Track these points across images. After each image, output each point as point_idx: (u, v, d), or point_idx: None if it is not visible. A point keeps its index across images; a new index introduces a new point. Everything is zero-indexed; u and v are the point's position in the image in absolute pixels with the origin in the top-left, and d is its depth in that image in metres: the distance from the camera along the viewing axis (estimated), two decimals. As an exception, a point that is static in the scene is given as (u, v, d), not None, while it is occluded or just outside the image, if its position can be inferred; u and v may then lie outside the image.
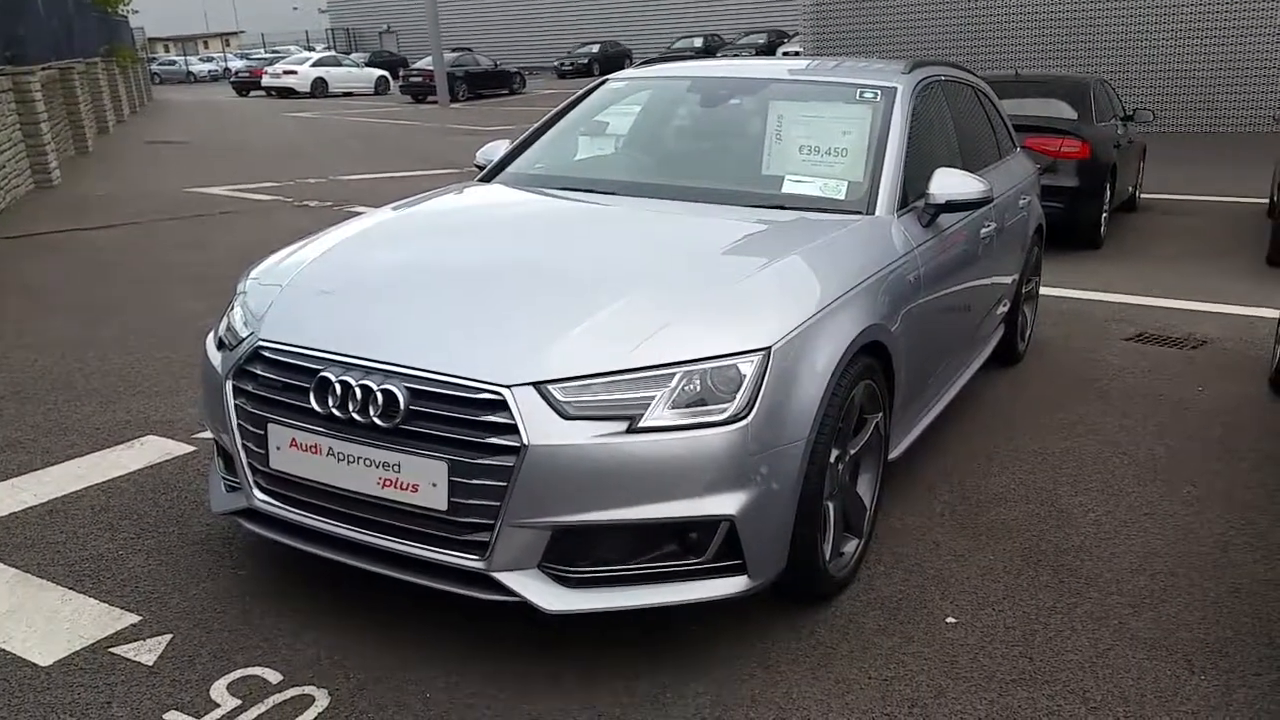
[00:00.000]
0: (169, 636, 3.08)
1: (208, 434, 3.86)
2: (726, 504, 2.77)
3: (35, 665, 2.94)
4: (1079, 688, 2.90)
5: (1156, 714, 2.79)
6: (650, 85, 5.12)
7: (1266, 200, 10.66)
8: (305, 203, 11.91)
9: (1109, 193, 9.48)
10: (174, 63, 64.80)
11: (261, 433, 2.99)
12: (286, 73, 39.26)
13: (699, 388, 2.77)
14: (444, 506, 2.72)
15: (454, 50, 37.81)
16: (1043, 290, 6.55)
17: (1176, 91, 20.03)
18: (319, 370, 2.89)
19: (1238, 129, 19.56)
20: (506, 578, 2.75)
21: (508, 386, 2.71)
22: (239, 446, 3.06)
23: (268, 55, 57.89)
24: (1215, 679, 2.95)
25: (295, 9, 79.47)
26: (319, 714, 2.73)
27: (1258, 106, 19.06)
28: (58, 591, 3.33)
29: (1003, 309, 5.42)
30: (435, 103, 32.53)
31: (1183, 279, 8.08)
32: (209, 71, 63.46)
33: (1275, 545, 3.73)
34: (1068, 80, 10.55)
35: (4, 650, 3.01)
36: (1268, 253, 8.66)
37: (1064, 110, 9.50)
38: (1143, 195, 11.89)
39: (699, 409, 2.76)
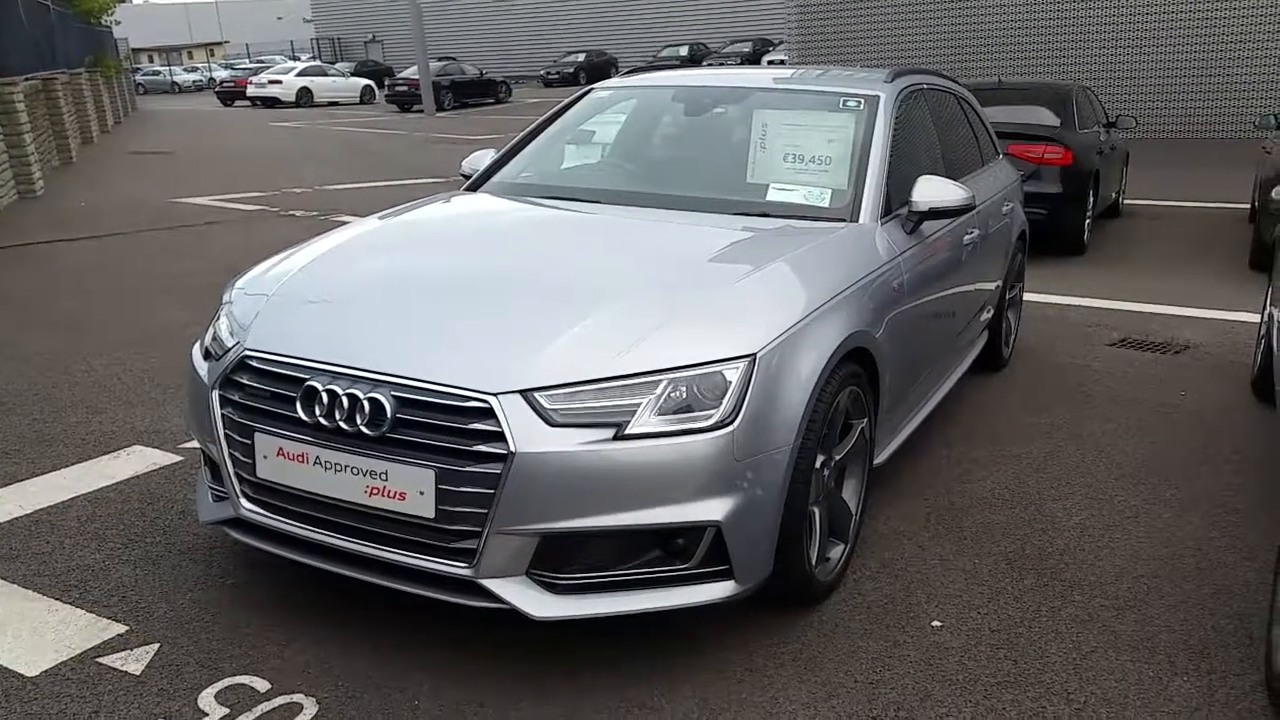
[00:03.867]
0: (156, 646, 3.07)
1: (194, 444, 3.86)
2: (713, 510, 2.79)
3: (22, 676, 2.93)
4: (1063, 690, 2.92)
5: (1139, 715, 2.82)
6: (635, 94, 5.14)
7: (1248, 205, 10.74)
8: (291, 212, 11.90)
9: (1092, 199, 9.53)
10: (158, 73, 64.48)
11: (248, 442, 2.99)
12: (271, 83, 39.19)
13: (685, 395, 2.79)
14: (431, 514, 2.73)
15: (439, 59, 37.80)
16: (1026, 296, 6.59)
17: (1159, 98, 20.15)
18: (306, 379, 2.90)
19: (1220, 135, 19.68)
20: (494, 585, 2.76)
21: (494, 394, 2.72)
22: (226, 456, 3.07)
23: (252, 65, 57.75)
24: (1197, 680, 2.98)
25: (280, 19, 79.31)
26: (307, 722, 2.74)
27: (1239, 113, 19.15)
28: (44, 602, 3.33)
29: (987, 315, 5.46)
30: (421, 112, 32.52)
31: (1166, 284, 8.14)
32: (194, 82, 63.22)
33: (1256, 547, 3.76)
34: (1050, 87, 10.62)
35: (-9, 661, 3.01)
36: (1249, 257, 8.73)
37: (1046, 117, 9.55)
38: (1126, 201, 11.97)
39: (685, 416, 2.77)
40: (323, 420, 2.84)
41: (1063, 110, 9.65)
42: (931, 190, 4.00)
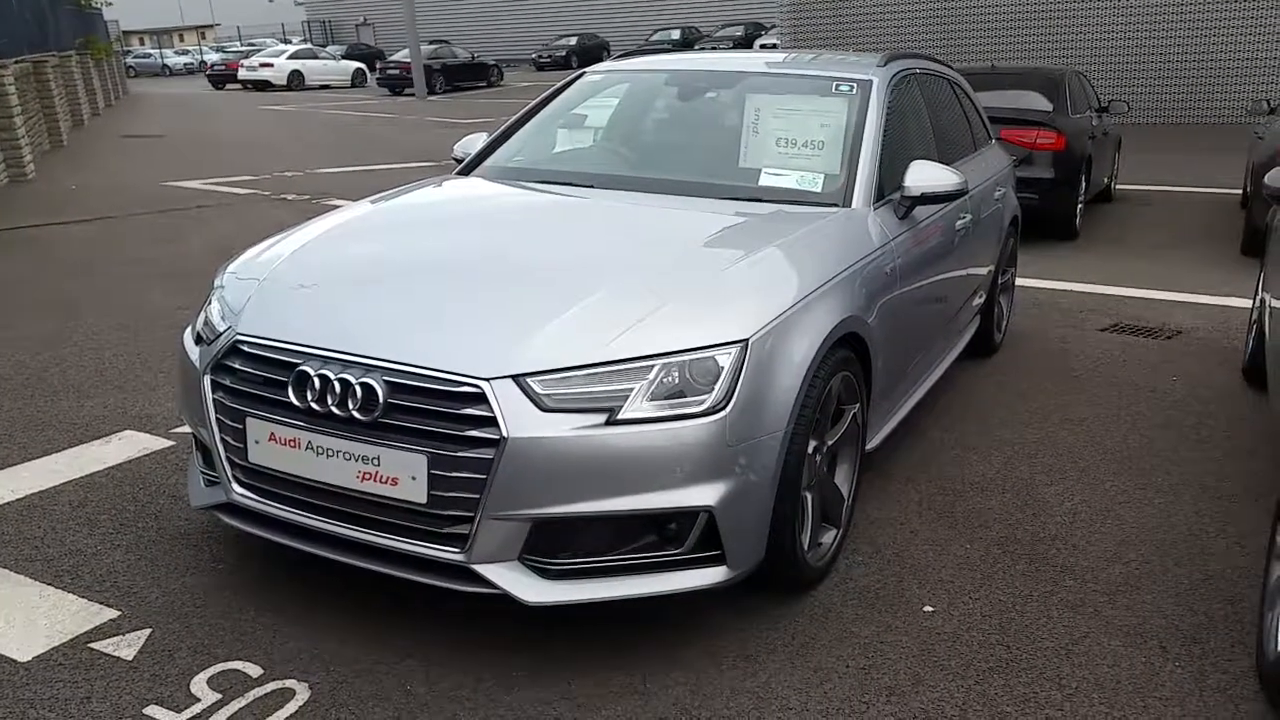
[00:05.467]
0: (148, 631, 3.07)
1: (186, 428, 3.85)
2: (705, 495, 2.79)
3: (14, 661, 2.93)
4: (1055, 675, 2.93)
5: (1131, 700, 2.83)
6: (628, 78, 5.12)
7: (1240, 191, 10.75)
8: (283, 196, 11.85)
9: (1084, 184, 9.53)
10: (149, 56, 64.03)
11: (240, 427, 2.98)
12: (263, 65, 38.94)
13: (677, 379, 2.79)
14: (423, 499, 2.73)
15: (431, 43, 37.63)
16: (1018, 281, 6.59)
17: (1151, 83, 20.14)
18: (297, 364, 2.89)
19: (1212, 120, 19.68)
20: (487, 570, 2.76)
21: (486, 379, 2.71)
22: (217, 441, 3.06)
23: (244, 48, 57.47)
24: (1189, 665, 2.99)
25: (271, 1, 78.83)
26: (299, 707, 2.74)
27: (1232, 98, 19.18)
28: (36, 587, 3.32)
29: (979, 300, 5.46)
30: (412, 95, 32.40)
31: (1157, 269, 8.15)
32: (185, 65, 62.82)
33: (1248, 533, 3.78)
34: (1043, 72, 10.60)
35: (-18, 647, 3.00)
36: (1241, 243, 8.73)
37: (1039, 102, 9.53)
38: (1118, 186, 11.96)
39: (677, 401, 2.77)
40: (315, 405, 2.83)
41: (1055, 95, 9.63)
42: (924, 175, 3.99)
